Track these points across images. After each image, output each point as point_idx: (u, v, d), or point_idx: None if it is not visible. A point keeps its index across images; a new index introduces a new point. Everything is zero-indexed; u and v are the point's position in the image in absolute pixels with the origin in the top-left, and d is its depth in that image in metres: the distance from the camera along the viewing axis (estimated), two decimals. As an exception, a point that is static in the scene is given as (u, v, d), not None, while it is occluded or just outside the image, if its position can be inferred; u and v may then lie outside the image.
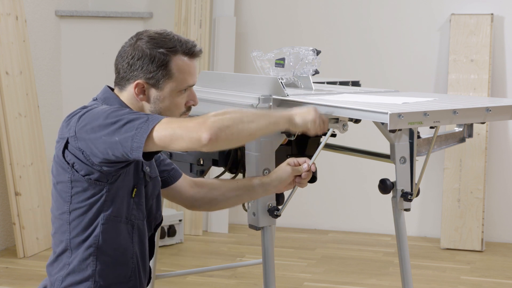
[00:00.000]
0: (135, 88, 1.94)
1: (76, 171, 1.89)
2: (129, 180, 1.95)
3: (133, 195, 1.97)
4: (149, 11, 5.03)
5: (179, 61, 1.94)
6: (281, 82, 2.23)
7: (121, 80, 1.97)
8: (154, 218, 2.07)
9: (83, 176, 1.89)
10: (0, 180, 4.34)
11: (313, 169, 2.12)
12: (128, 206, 1.96)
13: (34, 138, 4.39)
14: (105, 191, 1.91)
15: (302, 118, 1.95)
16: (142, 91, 1.94)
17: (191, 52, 1.96)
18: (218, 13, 4.88)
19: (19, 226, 4.24)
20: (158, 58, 1.91)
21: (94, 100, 2.00)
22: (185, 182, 2.18)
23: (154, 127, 1.78)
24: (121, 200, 1.94)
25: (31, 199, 4.32)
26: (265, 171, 2.22)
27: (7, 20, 4.23)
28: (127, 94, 1.97)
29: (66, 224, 1.94)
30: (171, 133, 1.77)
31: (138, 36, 1.95)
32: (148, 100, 1.95)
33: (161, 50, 1.92)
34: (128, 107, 1.96)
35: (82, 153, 1.87)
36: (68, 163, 1.90)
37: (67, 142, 1.89)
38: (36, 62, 4.68)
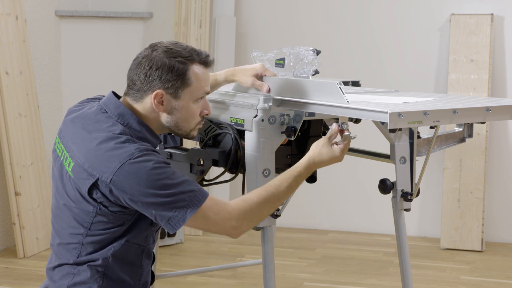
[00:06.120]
0: (154, 98, 1.93)
1: (104, 206, 1.87)
2: None
3: (152, 223, 1.97)
4: (149, 11, 5.03)
5: (196, 69, 1.96)
6: (281, 82, 2.23)
7: (137, 92, 1.95)
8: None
9: (110, 211, 1.88)
10: (0, 180, 4.34)
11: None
12: (145, 233, 1.97)
13: (34, 138, 4.39)
14: (127, 221, 1.91)
15: (328, 163, 2.07)
16: (161, 102, 1.94)
17: (206, 61, 1.99)
18: (218, 13, 4.88)
19: (19, 226, 4.24)
20: (176, 67, 1.92)
21: (102, 111, 1.95)
22: None
23: (192, 216, 1.82)
24: (140, 228, 1.94)
25: (31, 199, 4.32)
26: (265, 171, 2.22)
27: (7, 20, 4.23)
28: (143, 106, 1.96)
29: (77, 244, 1.93)
30: (204, 227, 1.87)
31: (153, 48, 1.95)
32: (166, 111, 1.96)
33: (179, 59, 1.93)
34: (144, 122, 1.95)
35: (112, 196, 1.85)
36: (95, 200, 1.87)
37: (97, 182, 1.85)
38: (36, 62, 4.68)
